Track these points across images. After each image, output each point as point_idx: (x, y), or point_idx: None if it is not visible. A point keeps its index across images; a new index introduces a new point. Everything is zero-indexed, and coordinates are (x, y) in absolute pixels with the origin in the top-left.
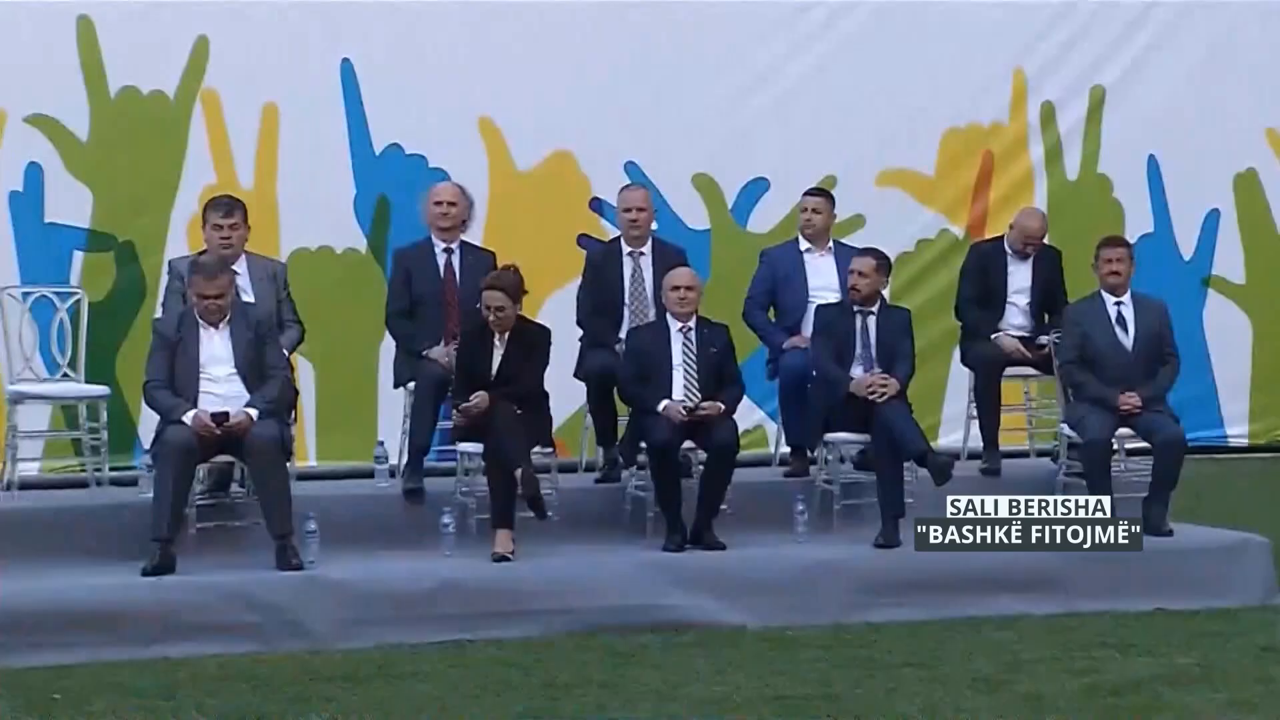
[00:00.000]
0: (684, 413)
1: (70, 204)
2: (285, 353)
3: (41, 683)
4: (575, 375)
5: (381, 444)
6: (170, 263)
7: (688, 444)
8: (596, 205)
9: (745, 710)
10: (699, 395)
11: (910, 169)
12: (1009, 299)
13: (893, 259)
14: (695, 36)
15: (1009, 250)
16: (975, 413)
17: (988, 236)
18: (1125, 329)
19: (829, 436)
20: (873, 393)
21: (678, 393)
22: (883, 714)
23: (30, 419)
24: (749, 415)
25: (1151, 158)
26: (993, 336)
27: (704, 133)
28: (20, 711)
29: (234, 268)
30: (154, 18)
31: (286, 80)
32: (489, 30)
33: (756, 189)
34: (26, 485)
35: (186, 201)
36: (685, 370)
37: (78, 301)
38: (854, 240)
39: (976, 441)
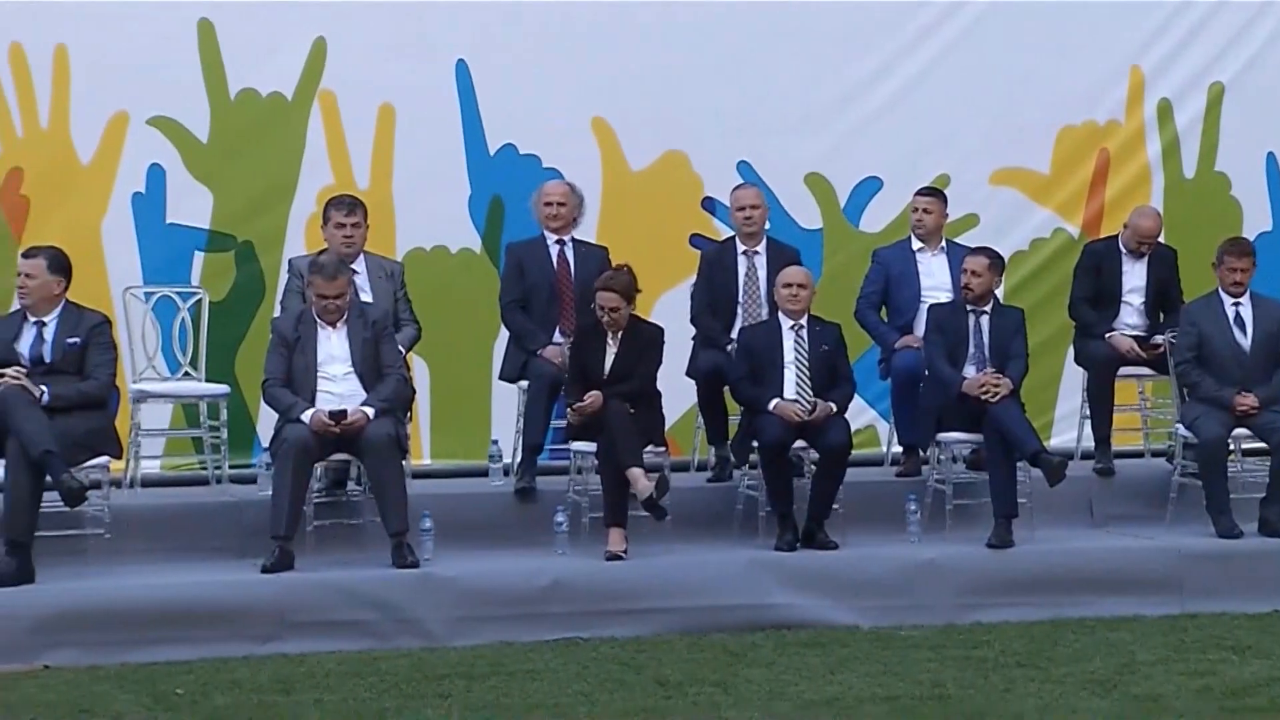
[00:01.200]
0: (800, 414)
1: (191, 205)
2: (402, 351)
3: (164, 677)
4: (687, 374)
5: (495, 443)
6: (290, 261)
7: (799, 443)
8: (709, 205)
9: (857, 710)
10: (811, 394)
11: (1025, 167)
12: (1123, 298)
13: (1006, 258)
14: (808, 36)
15: (1123, 249)
16: (1088, 412)
17: (1102, 235)
18: (1243, 329)
19: (941, 436)
20: (985, 392)
21: (789, 391)
22: (996, 715)
23: (152, 417)
24: (860, 415)
25: (1271, 155)
26: (1107, 336)
27: (816, 132)
28: (145, 706)
29: (352, 267)
30: (273, 20)
31: (402, 81)
32: (603, 31)
33: (869, 188)
34: (148, 483)
35: (304, 202)
36: (797, 369)
37: (199, 301)
38: (967, 239)
39: (1089, 441)
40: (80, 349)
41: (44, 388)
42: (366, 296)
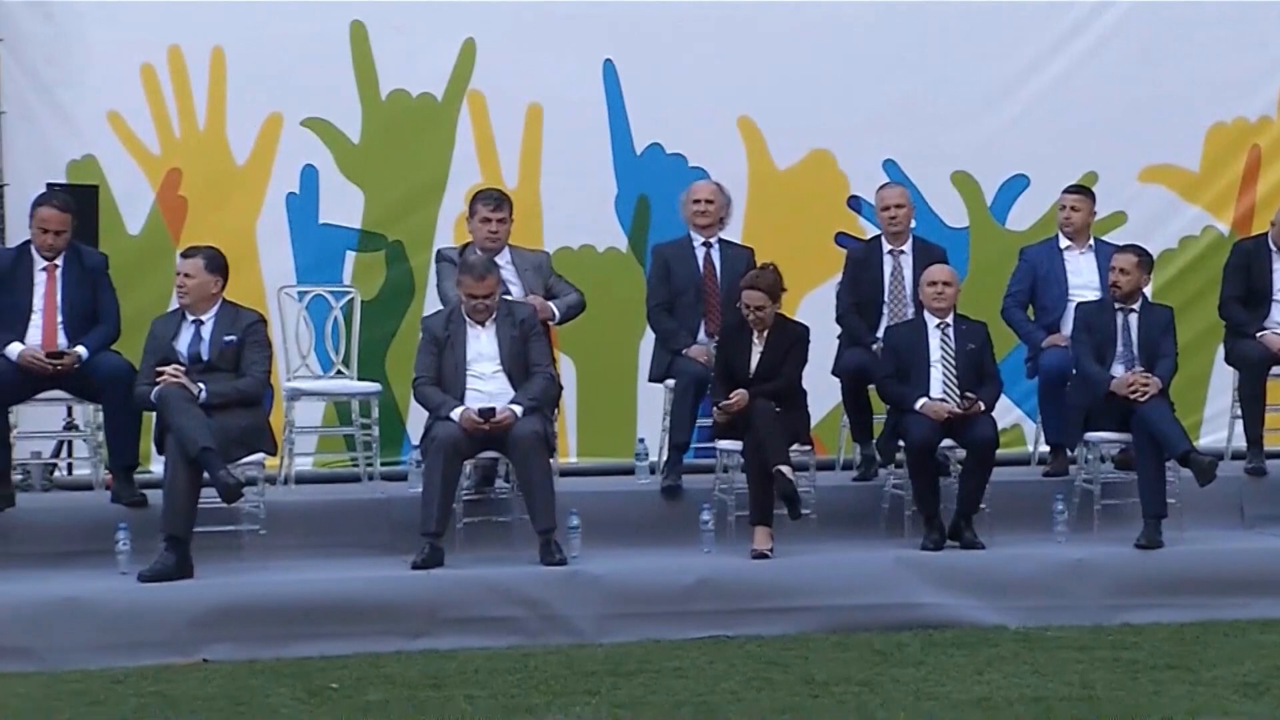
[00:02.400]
0: (953, 410)
1: (343, 205)
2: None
3: (319, 672)
4: (833, 373)
5: (642, 441)
6: (439, 251)
7: (946, 442)
8: (854, 203)
9: (1005, 711)
10: (957, 392)
11: (1174, 165)
12: (1274, 297)
13: (1155, 256)
14: (954, 34)
15: (1274, 247)
16: (1239, 412)
17: (1253, 233)
18: None
19: (1089, 435)
20: (1134, 391)
21: (935, 390)
22: (1145, 717)
23: (305, 415)
24: (1007, 414)
25: None
26: (1258, 335)
27: (963, 130)
28: (300, 700)
29: (498, 260)
30: (423, 21)
31: (550, 81)
32: (749, 30)
33: (1016, 186)
34: (302, 479)
35: (453, 201)
36: (943, 367)
37: (351, 300)
38: (1115, 237)
39: (1240, 441)
40: (236, 347)
41: (201, 385)
42: (515, 287)
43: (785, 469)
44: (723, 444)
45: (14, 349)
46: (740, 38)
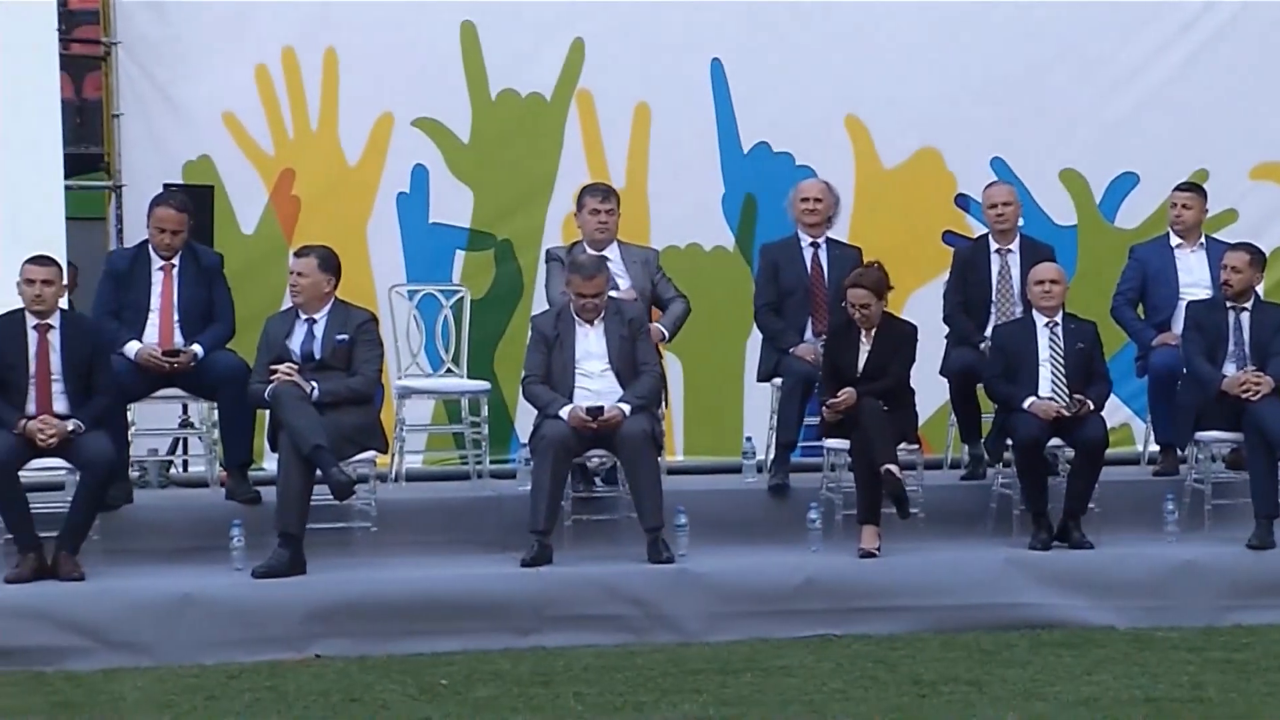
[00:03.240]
0: (1062, 410)
1: (453, 204)
2: (665, 338)
3: (429, 668)
4: (940, 372)
5: (749, 440)
6: (548, 250)
7: (1054, 441)
8: (962, 202)
9: (1115, 712)
10: (1066, 392)
11: None
12: None
13: (1267, 253)
14: (1063, 32)
15: None
16: None
17: None
18: None
19: (1200, 435)
20: (1245, 391)
21: (1044, 389)
22: None
23: (415, 413)
24: (1116, 413)
25: None
26: None
27: (1071, 128)
28: (410, 696)
29: (605, 254)
30: (533, 21)
31: (658, 80)
32: (857, 28)
33: (1125, 184)
34: (412, 477)
35: (561, 200)
36: (1052, 366)
37: (461, 299)
38: (1226, 235)
39: None
40: (348, 346)
41: (314, 384)
42: (623, 282)
43: (894, 468)
44: (830, 443)
45: (132, 347)
46: (848, 36)
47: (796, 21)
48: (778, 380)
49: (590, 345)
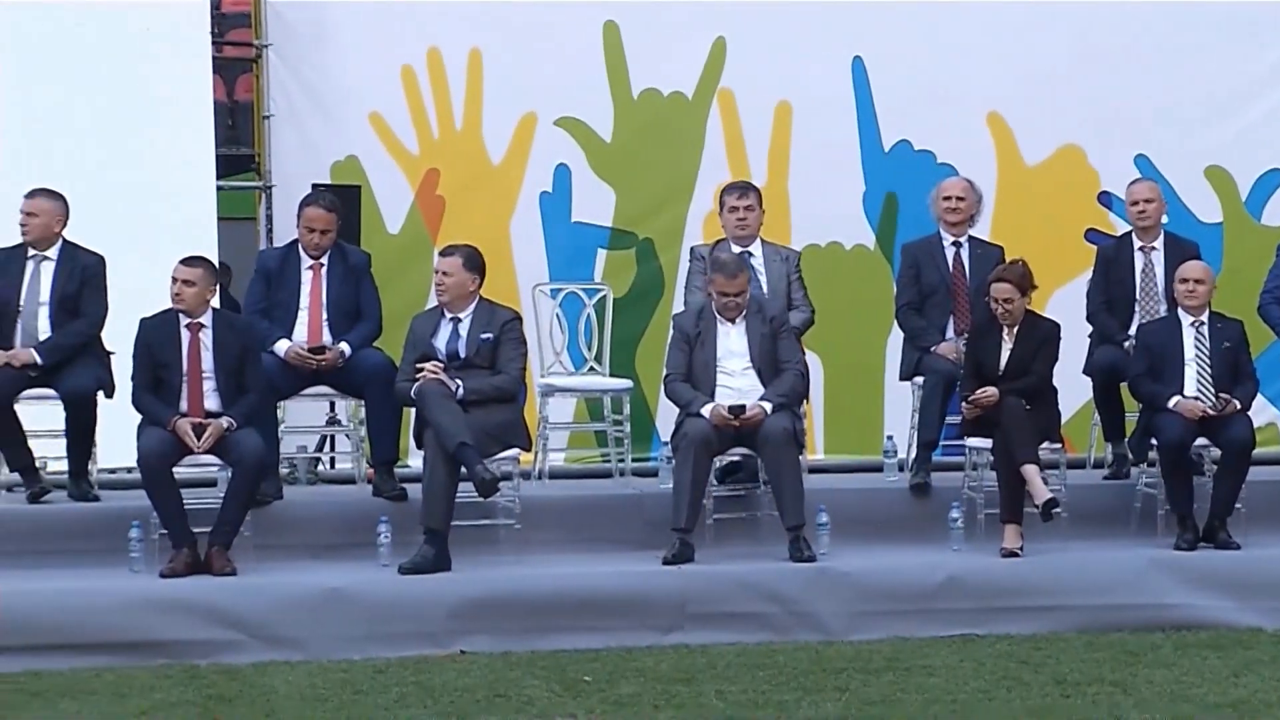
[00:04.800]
0: (1208, 411)
1: (594, 203)
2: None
3: (573, 664)
4: (1084, 371)
5: (890, 438)
6: (692, 248)
7: (1200, 441)
8: (1105, 199)
9: (1263, 715)
10: (1212, 391)
11: None
12: None
13: None
14: (1208, 28)
15: None
16: None
17: None
18: None
19: None
20: None
21: (1189, 388)
22: None
23: (558, 411)
24: (1262, 412)
25: None
26: None
27: (1217, 124)
28: (554, 692)
29: (749, 250)
30: (675, 21)
31: (799, 79)
32: (998, 26)
33: (1272, 181)
34: (555, 475)
35: (702, 199)
36: (1198, 365)
37: (603, 297)
38: None
39: None
40: (493, 344)
41: (459, 382)
42: (762, 280)
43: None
44: (972, 441)
45: (282, 345)
46: (989, 33)
47: (938, 19)
48: (919, 379)
49: (732, 343)
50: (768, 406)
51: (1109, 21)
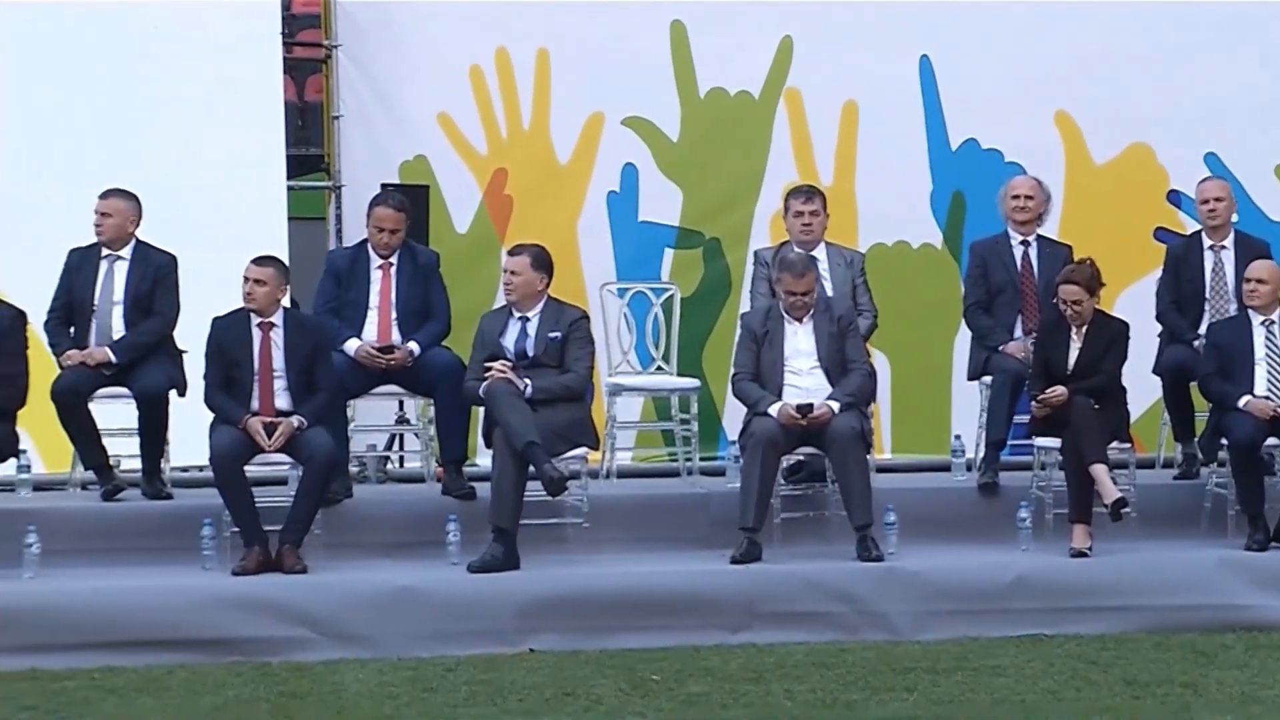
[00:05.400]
0: (1274, 411)
1: (662, 202)
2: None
3: (641, 663)
4: (1154, 371)
5: (958, 438)
6: (756, 252)
7: (1271, 440)
8: (1174, 198)
9: None
10: None
11: None
12: None
13: None
14: (1277, 26)
15: None
16: None
17: None
18: None
19: None
20: None
21: (1260, 388)
22: None
23: (625, 410)
24: None
25: None
26: None
27: None
28: (623, 690)
29: (813, 254)
30: (742, 20)
31: (866, 78)
32: (1066, 23)
33: None
34: (623, 474)
35: (769, 198)
36: (1268, 365)
37: (671, 297)
38: None
39: None
40: (561, 343)
41: (527, 381)
42: (827, 284)
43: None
44: (1040, 441)
45: (351, 345)
46: (1057, 31)
47: (1006, 17)
48: (987, 378)
49: (799, 343)
50: (835, 406)
51: (1179, 19)
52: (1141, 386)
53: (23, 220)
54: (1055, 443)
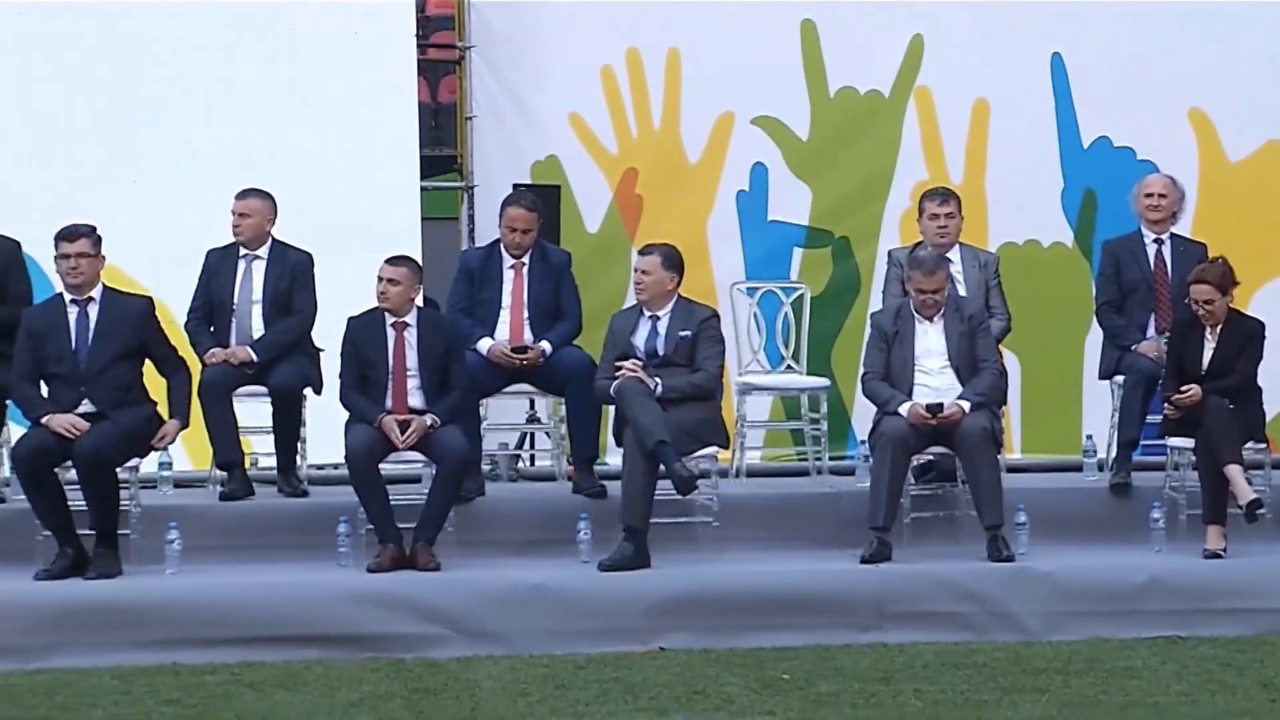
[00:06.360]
0: None
1: (791, 202)
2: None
3: (771, 662)
4: None
5: (1089, 438)
6: (890, 252)
7: None
8: None
9: None
10: None
11: None
12: None
13: None
14: None
15: None
16: None
17: None
18: None
19: None
20: None
21: None
22: None
23: (755, 409)
24: None
25: None
26: None
27: None
28: (753, 689)
29: (947, 256)
30: (872, 19)
31: (997, 76)
32: (1200, 20)
33: None
34: (752, 473)
35: (898, 197)
36: None
37: (800, 296)
38: None
39: None
40: (691, 342)
41: (657, 380)
42: (960, 287)
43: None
44: (1173, 441)
45: (484, 344)
46: (1191, 28)
47: (1138, 14)
48: (1119, 378)
49: (930, 342)
50: (966, 405)
51: None
52: (1277, 386)
53: (164, 221)
54: (1189, 443)
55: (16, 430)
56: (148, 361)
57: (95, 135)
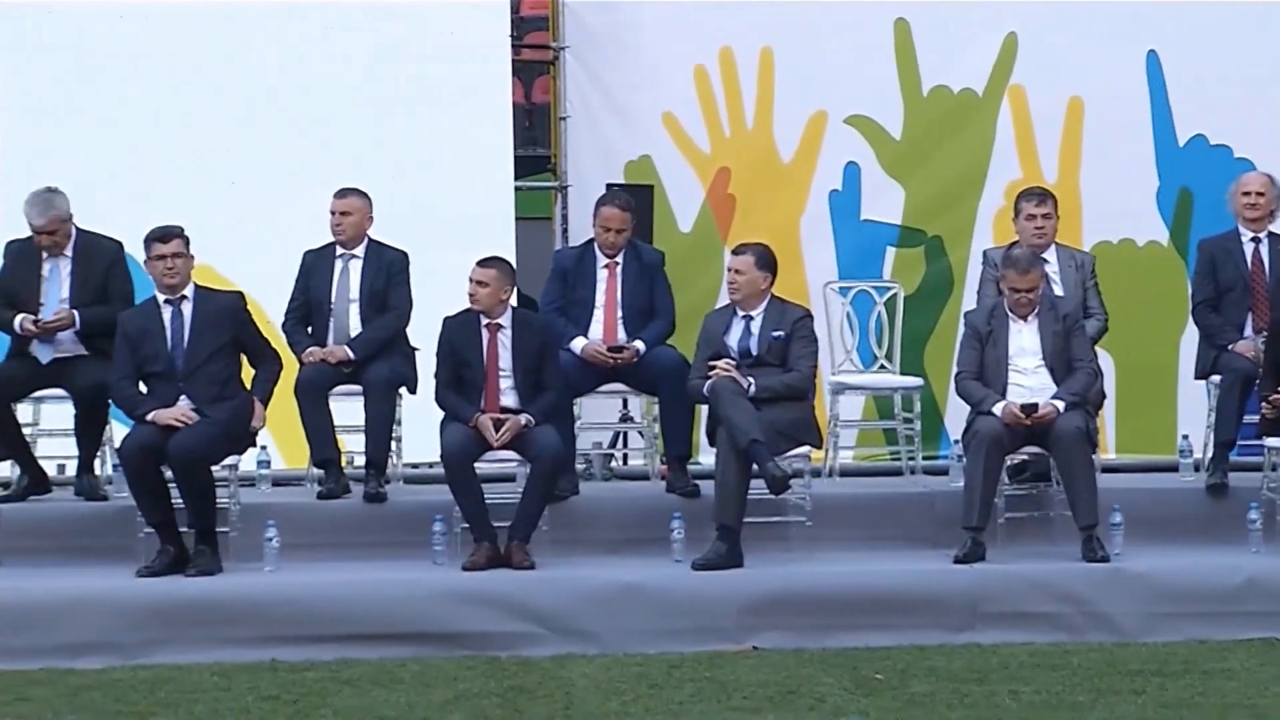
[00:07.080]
0: None
1: (884, 201)
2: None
3: (865, 661)
4: None
5: (1185, 438)
6: (985, 252)
7: None
8: None
9: None
10: None
11: None
12: None
13: None
14: None
15: None
16: None
17: None
18: None
19: None
20: None
21: None
22: None
23: (848, 409)
24: None
25: None
26: None
27: None
28: (846, 689)
29: (1043, 257)
30: (966, 17)
31: (1091, 74)
32: None
33: None
34: (845, 472)
35: (992, 196)
36: None
37: (894, 295)
38: None
39: None
40: (784, 342)
41: (751, 379)
42: (1057, 288)
43: None
44: (1271, 441)
45: (578, 343)
46: None
47: (1235, 10)
48: (1215, 377)
49: (1024, 341)
50: (1060, 405)
51: None
52: None
53: (261, 221)
54: None
55: (120, 430)
56: (244, 357)
57: (192, 137)
